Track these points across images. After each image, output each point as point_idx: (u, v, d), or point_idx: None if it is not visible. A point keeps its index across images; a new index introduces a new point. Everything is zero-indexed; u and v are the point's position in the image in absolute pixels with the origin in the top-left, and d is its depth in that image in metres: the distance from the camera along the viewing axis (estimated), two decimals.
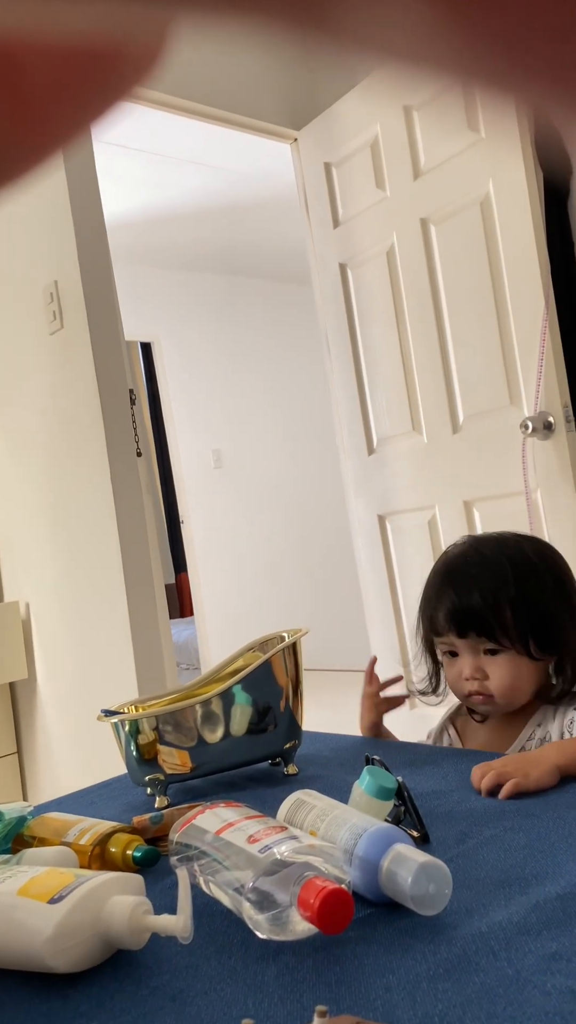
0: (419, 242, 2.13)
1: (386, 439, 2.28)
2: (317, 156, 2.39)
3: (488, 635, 0.94)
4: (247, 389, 4.64)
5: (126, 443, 2.02)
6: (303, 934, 0.55)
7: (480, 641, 0.94)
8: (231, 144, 2.97)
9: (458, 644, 0.96)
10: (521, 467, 1.92)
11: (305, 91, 2.47)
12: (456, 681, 0.98)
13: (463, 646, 0.96)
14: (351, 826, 0.63)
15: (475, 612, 0.94)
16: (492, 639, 0.94)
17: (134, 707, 1.02)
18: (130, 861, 0.72)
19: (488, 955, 0.51)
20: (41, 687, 2.27)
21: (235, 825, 0.63)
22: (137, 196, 3.48)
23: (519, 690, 0.95)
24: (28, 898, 0.57)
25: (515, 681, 0.94)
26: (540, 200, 1.90)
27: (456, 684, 0.98)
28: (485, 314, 1.99)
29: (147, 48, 0.11)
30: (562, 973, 0.47)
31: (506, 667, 0.94)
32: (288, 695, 0.97)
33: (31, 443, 2.24)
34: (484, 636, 0.94)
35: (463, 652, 0.96)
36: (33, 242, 2.15)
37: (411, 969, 0.50)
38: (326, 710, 2.46)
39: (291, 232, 3.61)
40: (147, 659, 1.98)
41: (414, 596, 2.25)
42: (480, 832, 0.71)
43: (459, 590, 0.96)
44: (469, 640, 0.95)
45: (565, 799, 0.76)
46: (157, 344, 4.36)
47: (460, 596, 0.95)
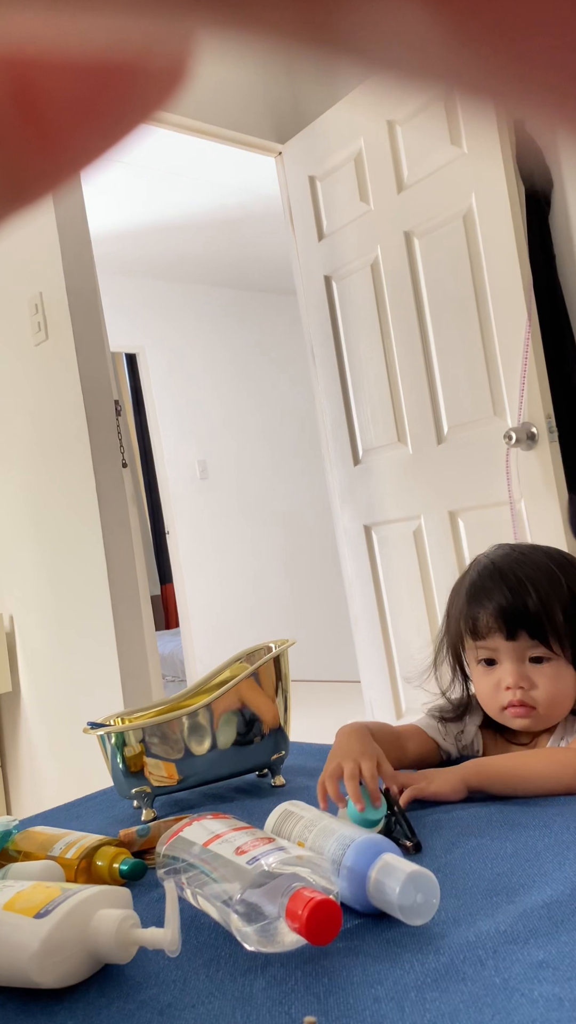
0: (403, 254, 2.15)
1: (371, 450, 2.29)
2: (302, 169, 2.41)
3: (541, 638, 0.86)
4: (232, 400, 4.65)
5: (111, 454, 2.01)
6: (291, 946, 0.55)
7: (531, 645, 0.86)
8: (216, 157, 2.99)
9: (503, 649, 0.87)
10: (505, 477, 1.94)
11: (289, 105, 2.49)
12: (492, 693, 0.89)
13: (508, 651, 0.87)
14: (339, 836, 0.63)
15: (529, 612, 0.85)
16: (544, 643, 0.86)
17: (120, 719, 1.01)
18: (117, 874, 0.72)
19: (476, 964, 0.51)
20: (25, 700, 2.25)
21: (222, 837, 0.63)
22: (122, 208, 3.49)
23: (563, 705, 0.88)
24: (14, 913, 0.57)
25: (561, 694, 0.87)
26: (522, 213, 1.93)
27: (492, 696, 0.89)
28: (468, 326, 2.01)
29: (171, 66, 0.11)
30: (549, 981, 0.48)
31: (554, 677, 0.87)
32: (275, 706, 0.97)
33: (16, 454, 2.23)
34: (537, 639, 0.86)
35: (506, 659, 0.88)
36: (18, 253, 2.15)
37: (399, 979, 0.50)
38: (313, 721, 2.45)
39: (276, 244, 3.63)
40: (133, 671, 1.97)
41: (400, 606, 2.27)
42: (467, 841, 0.71)
43: (512, 589, 0.87)
44: (518, 643, 0.87)
45: (551, 809, 0.76)
46: (142, 355, 4.36)
47: (514, 595, 0.86)
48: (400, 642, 2.26)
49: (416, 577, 2.20)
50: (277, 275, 4.32)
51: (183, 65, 0.11)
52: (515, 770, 0.81)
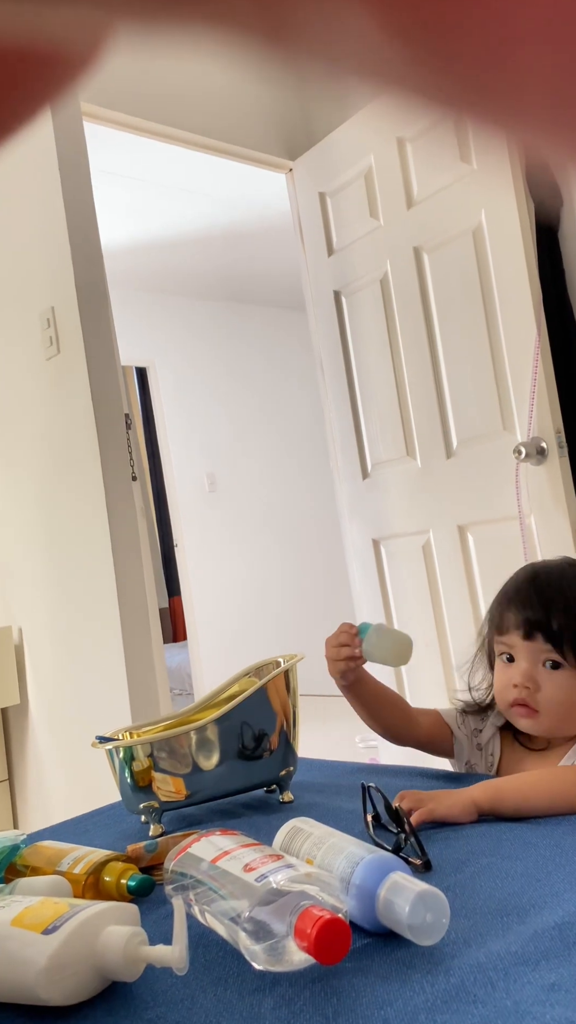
0: (412, 270, 2.15)
1: (380, 464, 2.29)
2: (312, 186, 2.43)
3: (555, 644, 0.88)
4: (241, 414, 4.67)
5: (121, 467, 2.02)
6: (300, 965, 0.54)
7: (546, 649, 0.89)
8: (228, 173, 3.02)
9: (519, 647, 0.90)
10: (515, 492, 1.94)
11: (300, 122, 2.51)
12: (504, 688, 0.92)
13: (524, 650, 0.90)
14: (348, 854, 0.62)
15: (550, 617, 0.89)
16: (558, 649, 0.88)
17: (128, 733, 1.01)
18: (125, 890, 0.71)
19: (486, 986, 0.50)
20: (33, 713, 2.25)
21: (231, 853, 0.62)
22: (134, 224, 3.52)
23: (570, 716, 0.89)
24: (22, 928, 0.57)
25: (569, 703, 0.88)
26: (531, 230, 1.93)
27: (503, 691, 0.92)
28: (478, 341, 2.01)
29: (80, 52, 0.11)
30: (561, 1004, 0.47)
31: (563, 686, 0.88)
32: (283, 721, 0.97)
33: (26, 467, 2.24)
34: (551, 643, 0.88)
35: (521, 657, 0.90)
36: (30, 268, 2.17)
37: (409, 1000, 0.50)
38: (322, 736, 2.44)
39: (286, 260, 3.65)
40: (141, 685, 1.97)
41: (409, 620, 2.26)
42: (477, 860, 0.70)
43: (542, 592, 0.91)
44: (533, 644, 0.89)
45: (562, 827, 0.76)
46: (152, 369, 4.38)
47: (540, 598, 0.90)
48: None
49: (425, 591, 2.19)
50: (286, 290, 4.34)
51: (94, 49, 0.11)
52: (526, 792, 0.81)
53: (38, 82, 0.11)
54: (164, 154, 2.70)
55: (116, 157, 2.86)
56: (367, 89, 0.11)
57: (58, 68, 0.11)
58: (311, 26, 0.10)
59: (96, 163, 2.58)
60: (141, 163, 2.96)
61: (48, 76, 0.11)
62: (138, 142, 2.33)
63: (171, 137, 2.29)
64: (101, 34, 0.11)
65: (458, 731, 0.99)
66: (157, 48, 0.10)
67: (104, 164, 2.86)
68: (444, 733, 1.00)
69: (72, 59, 0.11)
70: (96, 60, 0.11)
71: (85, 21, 0.10)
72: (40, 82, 0.11)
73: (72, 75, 0.11)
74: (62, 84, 0.11)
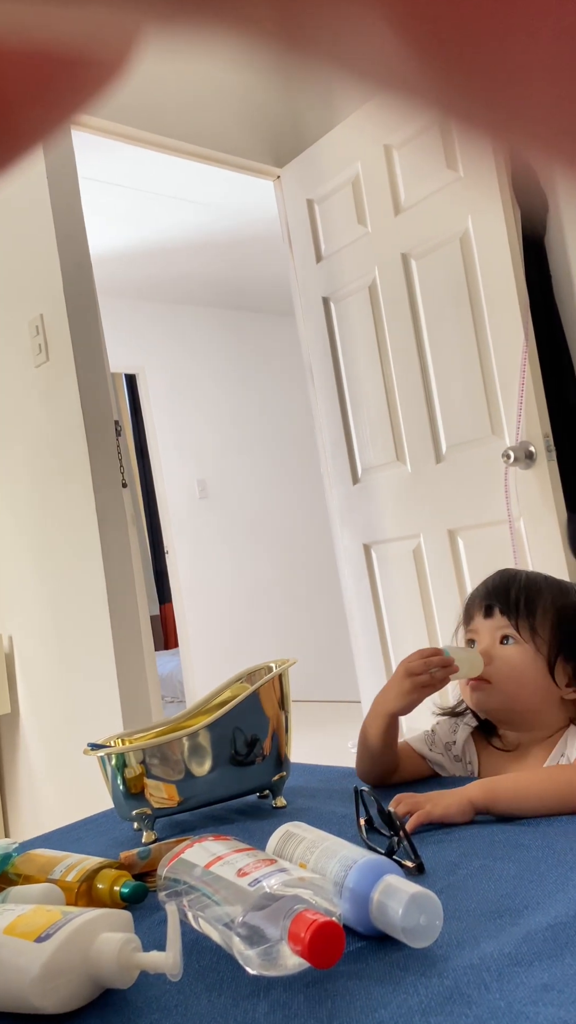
0: (400, 276, 2.17)
1: (370, 469, 2.30)
2: (300, 193, 2.44)
3: (509, 616, 0.91)
4: (232, 420, 4.67)
5: (111, 474, 2.02)
6: (294, 968, 0.54)
7: (502, 625, 0.92)
8: (216, 181, 3.03)
9: (481, 629, 0.94)
10: (504, 496, 1.95)
11: (288, 129, 2.53)
12: None
13: (484, 629, 0.93)
14: (341, 858, 0.62)
15: (508, 594, 0.92)
16: (512, 623, 0.91)
17: (120, 740, 1.01)
18: (118, 897, 0.71)
19: (480, 987, 0.50)
20: (25, 721, 2.24)
21: (224, 859, 0.62)
22: (123, 230, 3.53)
23: (521, 690, 0.90)
24: (14, 937, 0.56)
25: (519, 677, 0.90)
26: (518, 235, 1.95)
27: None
28: (466, 346, 2.02)
29: (112, 56, 0.11)
30: (553, 1004, 0.47)
31: (515, 657, 0.91)
32: (276, 727, 0.97)
33: (16, 475, 2.24)
34: (506, 617, 0.92)
35: (481, 636, 0.94)
36: (19, 276, 2.16)
37: (403, 1003, 0.50)
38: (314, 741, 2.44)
39: (274, 266, 3.66)
40: (132, 692, 1.96)
41: (400, 625, 2.27)
42: (470, 863, 0.70)
43: (504, 577, 0.95)
44: (492, 621, 0.93)
45: (555, 828, 0.76)
46: (142, 375, 4.38)
47: (502, 580, 0.95)
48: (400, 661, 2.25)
49: (416, 596, 2.19)
50: (275, 296, 4.35)
51: (125, 53, 0.11)
52: (521, 790, 0.81)
53: (68, 88, 0.11)
54: (153, 161, 2.71)
55: (105, 165, 2.86)
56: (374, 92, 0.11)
57: (88, 73, 0.11)
58: (327, 31, 0.10)
59: (85, 171, 2.58)
60: (130, 170, 2.96)
61: (78, 81, 0.11)
62: (127, 150, 2.34)
63: (159, 145, 2.30)
64: (130, 38, 0.11)
65: (429, 753, 0.99)
66: (179, 51, 0.11)
67: (93, 172, 2.86)
68: (417, 763, 0.99)
69: (102, 64, 0.11)
70: (125, 65, 0.11)
71: (115, 24, 0.10)
72: (71, 88, 0.11)
73: (102, 81, 0.11)
74: (92, 90, 0.11)
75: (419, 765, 0.99)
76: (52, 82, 0.11)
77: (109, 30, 0.10)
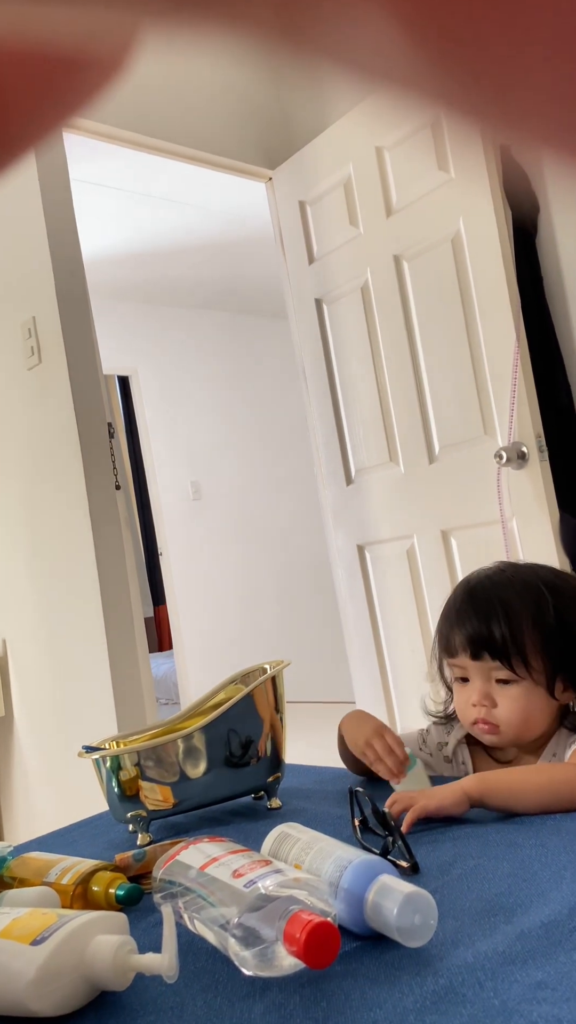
0: (392, 278, 2.17)
1: (363, 470, 2.30)
2: (292, 195, 2.44)
3: (504, 660, 0.88)
4: (225, 421, 4.67)
5: (104, 476, 2.02)
6: (289, 969, 0.54)
7: (494, 667, 0.89)
8: (208, 183, 3.03)
9: (470, 668, 0.91)
10: (497, 496, 1.95)
11: (279, 132, 2.53)
12: (464, 708, 0.93)
13: (475, 670, 0.91)
14: (336, 858, 0.63)
15: (493, 636, 0.88)
16: (508, 666, 0.88)
17: (115, 743, 1.01)
18: (113, 900, 0.71)
19: (474, 986, 0.51)
20: (18, 725, 2.23)
21: (219, 860, 0.62)
22: (115, 233, 3.53)
23: (530, 725, 0.90)
24: (10, 940, 0.56)
25: (526, 715, 0.89)
26: (509, 236, 1.96)
27: (463, 711, 0.93)
28: (458, 347, 2.03)
29: (110, 57, 0.11)
30: (548, 1002, 0.48)
31: (518, 699, 0.89)
32: (270, 728, 0.97)
33: (9, 477, 2.23)
34: (499, 661, 0.88)
35: (474, 677, 0.91)
36: (11, 278, 2.16)
37: (398, 1002, 0.50)
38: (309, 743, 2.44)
39: (267, 268, 3.66)
40: (127, 694, 1.96)
41: (395, 625, 2.27)
42: (464, 862, 0.71)
43: (480, 611, 0.90)
44: (483, 664, 0.90)
45: (548, 827, 0.76)
46: (135, 377, 4.38)
47: (480, 619, 0.90)
48: (395, 662, 2.25)
49: (410, 596, 2.20)
50: (268, 298, 4.36)
51: (124, 52, 0.11)
52: (516, 785, 0.81)
53: (66, 89, 0.11)
54: (144, 164, 2.71)
55: (97, 167, 2.86)
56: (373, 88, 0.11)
57: (86, 74, 0.11)
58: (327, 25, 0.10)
59: (77, 173, 2.58)
60: (122, 173, 2.96)
61: (78, 82, 0.11)
62: (118, 152, 2.34)
63: (151, 147, 2.30)
64: (128, 38, 0.11)
65: (419, 753, 1.00)
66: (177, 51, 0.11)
67: (85, 174, 2.86)
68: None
69: (100, 65, 0.11)
70: (124, 66, 0.11)
71: (113, 25, 0.10)
72: (68, 89, 0.11)
73: (100, 82, 0.11)
74: (90, 91, 0.11)
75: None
76: (50, 83, 0.11)
77: (107, 31, 0.10)
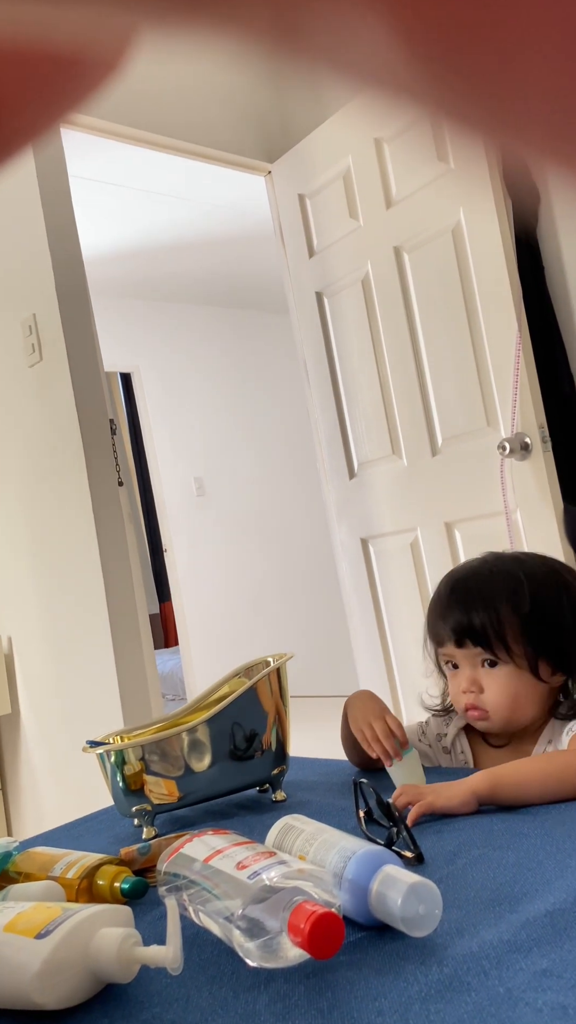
0: (393, 270, 2.16)
1: (366, 463, 2.30)
2: (291, 188, 2.44)
3: (484, 645, 0.91)
4: (228, 417, 4.66)
5: (107, 473, 2.02)
6: (294, 960, 0.54)
7: (477, 652, 0.92)
8: (207, 178, 3.02)
9: (457, 655, 0.94)
10: (500, 488, 1.95)
11: (278, 125, 2.52)
12: (456, 695, 0.95)
13: (462, 656, 0.94)
14: (340, 849, 0.63)
15: (474, 624, 0.92)
16: (489, 650, 0.91)
17: (119, 737, 1.01)
18: (118, 893, 0.71)
19: (479, 974, 0.51)
20: (25, 721, 2.24)
21: (223, 852, 0.62)
22: (114, 229, 3.52)
23: (518, 708, 0.92)
24: (15, 934, 0.56)
25: (513, 698, 0.91)
26: (510, 226, 1.95)
27: (456, 698, 0.96)
28: (460, 338, 2.02)
29: (107, 55, 0.11)
30: (553, 990, 0.47)
31: (504, 681, 0.91)
32: (274, 720, 0.97)
33: (11, 475, 2.23)
34: (480, 647, 0.92)
35: (462, 664, 0.94)
36: (10, 275, 2.16)
37: (403, 992, 0.50)
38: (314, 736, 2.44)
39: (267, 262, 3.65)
40: (132, 691, 1.96)
41: (399, 619, 2.27)
42: (468, 852, 0.71)
43: (462, 599, 0.94)
44: (466, 650, 0.93)
45: (552, 816, 0.76)
46: (137, 374, 4.38)
47: (463, 605, 0.93)
48: (399, 655, 2.25)
49: (414, 589, 2.20)
50: (269, 293, 4.34)
51: (121, 52, 0.11)
52: (523, 778, 0.81)
53: (64, 87, 0.11)
54: (143, 159, 2.70)
55: (95, 163, 2.85)
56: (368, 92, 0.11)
57: (84, 72, 0.11)
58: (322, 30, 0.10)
59: (75, 169, 2.58)
60: (121, 169, 2.95)
61: (74, 81, 0.11)
62: (116, 148, 2.33)
63: (149, 142, 2.29)
64: (126, 37, 0.11)
65: (419, 745, 1.02)
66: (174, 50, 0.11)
67: (83, 170, 2.85)
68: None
69: (98, 63, 0.11)
70: (121, 64, 0.11)
71: (111, 23, 0.10)
72: (66, 87, 0.11)
73: (97, 80, 0.11)
74: (87, 89, 0.11)
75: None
76: (47, 81, 0.11)
77: (105, 29, 0.10)
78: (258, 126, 2.49)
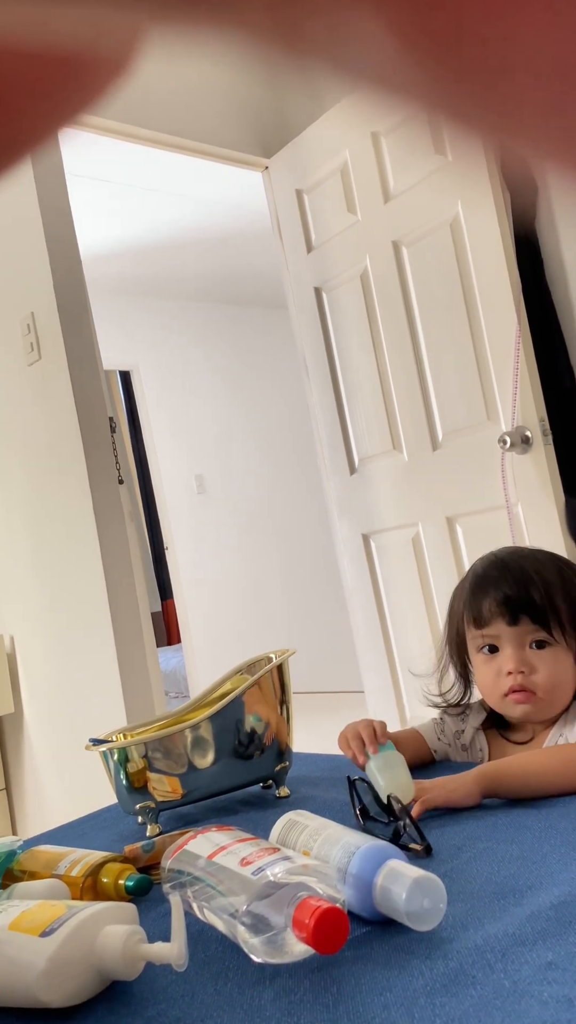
0: (392, 264, 2.16)
1: (367, 458, 2.30)
2: (288, 183, 2.43)
3: (542, 623, 0.88)
4: (228, 413, 4.66)
5: (107, 471, 2.01)
6: (299, 956, 0.54)
7: (532, 630, 0.89)
8: (204, 174, 3.01)
9: (504, 635, 0.90)
10: (501, 482, 1.94)
11: (274, 120, 2.51)
12: (494, 680, 0.91)
13: (510, 636, 0.90)
14: (344, 844, 0.62)
15: (533, 598, 0.89)
16: (545, 628, 0.88)
17: (122, 735, 1.01)
18: (123, 891, 0.71)
19: (484, 968, 0.50)
20: (28, 720, 2.24)
21: (227, 848, 0.62)
22: (112, 227, 3.51)
23: (562, 690, 0.90)
24: (19, 932, 0.56)
25: (561, 679, 0.89)
26: (508, 219, 1.94)
27: (493, 684, 0.91)
28: (459, 332, 2.02)
29: (115, 56, 0.11)
30: (558, 982, 0.47)
31: (553, 662, 0.89)
32: (277, 717, 0.97)
33: (11, 474, 2.23)
34: (538, 624, 0.88)
35: (508, 644, 0.90)
36: (9, 274, 2.16)
37: (408, 985, 0.50)
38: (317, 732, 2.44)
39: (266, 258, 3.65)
40: (135, 689, 1.96)
41: (401, 614, 2.26)
42: (473, 845, 0.71)
43: (516, 577, 0.90)
44: (519, 628, 0.89)
45: (557, 810, 0.76)
46: (136, 372, 4.37)
47: (517, 581, 0.90)
48: (402, 650, 2.25)
49: (416, 584, 2.19)
50: (268, 289, 4.34)
51: (128, 53, 0.11)
52: (527, 771, 0.81)
53: (70, 89, 0.11)
54: (139, 156, 2.69)
55: (94, 161, 2.85)
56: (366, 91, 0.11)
57: (90, 74, 0.11)
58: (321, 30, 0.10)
59: (72, 167, 2.57)
60: (119, 166, 2.95)
61: (80, 83, 0.11)
62: (114, 145, 2.32)
63: (145, 139, 2.29)
64: (133, 39, 0.11)
65: (437, 744, 1.00)
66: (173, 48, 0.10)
67: (82, 168, 2.85)
68: (424, 751, 1.00)
69: (104, 65, 0.11)
70: (128, 66, 0.11)
71: (117, 25, 0.10)
72: (73, 89, 0.11)
73: (104, 82, 0.11)
74: (94, 91, 0.11)
75: (425, 751, 1.00)
76: (54, 84, 0.11)
77: (111, 31, 0.10)
78: (255, 121, 2.49)
